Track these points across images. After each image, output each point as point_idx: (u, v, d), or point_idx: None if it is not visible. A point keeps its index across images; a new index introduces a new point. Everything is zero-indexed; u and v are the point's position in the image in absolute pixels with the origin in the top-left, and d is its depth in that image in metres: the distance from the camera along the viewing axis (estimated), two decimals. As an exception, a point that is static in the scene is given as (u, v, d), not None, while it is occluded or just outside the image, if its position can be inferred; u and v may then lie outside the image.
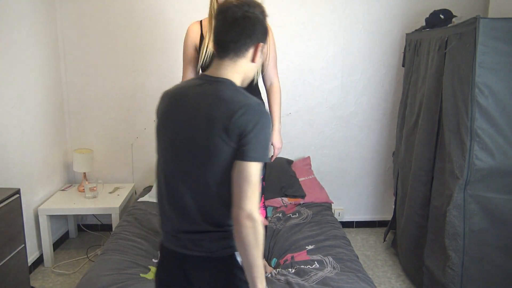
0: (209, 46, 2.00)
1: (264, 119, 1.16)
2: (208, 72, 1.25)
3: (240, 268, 1.21)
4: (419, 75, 2.70)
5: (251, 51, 1.24)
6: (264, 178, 2.24)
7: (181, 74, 2.27)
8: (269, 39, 2.12)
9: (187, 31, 2.09)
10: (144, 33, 3.19)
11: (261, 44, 1.25)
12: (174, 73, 2.22)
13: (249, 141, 1.13)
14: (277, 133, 2.18)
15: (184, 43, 2.11)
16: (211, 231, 1.21)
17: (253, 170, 1.12)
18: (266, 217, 2.31)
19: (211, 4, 2.00)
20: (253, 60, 1.25)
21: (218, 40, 1.22)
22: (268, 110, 2.19)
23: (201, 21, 2.10)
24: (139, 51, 3.22)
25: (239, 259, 1.22)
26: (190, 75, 2.12)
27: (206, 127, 1.16)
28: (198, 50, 2.08)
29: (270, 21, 3.57)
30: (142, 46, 3.21)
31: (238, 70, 1.24)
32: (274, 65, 2.17)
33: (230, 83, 1.22)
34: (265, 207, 2.32)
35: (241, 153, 1.13)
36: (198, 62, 2.08)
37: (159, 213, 1.32)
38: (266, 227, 2.35)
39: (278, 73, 2.24)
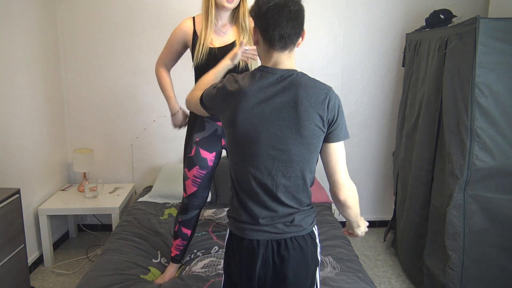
0: (205, 44, 1.96)
1: (340, 101, 1.37)
2: (272, 65, 1.30)
3: (317, 242, 1.41)
4: (419, 75, 2.71)
5: (300, 39, 1.33)
6: None
7: (180, 74, 2.27)
8: None
9: (179, 24, 2.06)
10: (144, 33, 3.19)
11: (304, 30, 1.33)
12: (174, 73, 2.22)
13: (338, 124, 1.33)
14: None
15: (172, 34, 2.07)
16: (300, 211, 1.36)
17: (343, 147, 1.37)
18: None
19: (210, 4, 1.95)
20: (297, 45, 1.34)
21: (277, 34, 1.25)
22: None
23: (193, 18, 2.07)
24: (139, 51, 3.22)
25: (316, 233, 1.42)
26: (168, 63, 2.15)
27: (303, 119, 1.26)
28: (186, 46, 2.08)
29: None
30: (142, 46, 3.21)
31: (294, 58, 1.34)
32: None
33: (302, 73, 1.32)
34: None
35: (334, 136, 1.33)
36: (179, 57, 2.12)
37: (240, 211, 1.35)
38: None
39: None
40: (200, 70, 1.94)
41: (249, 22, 2.01)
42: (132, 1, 3.14)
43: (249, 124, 1.27)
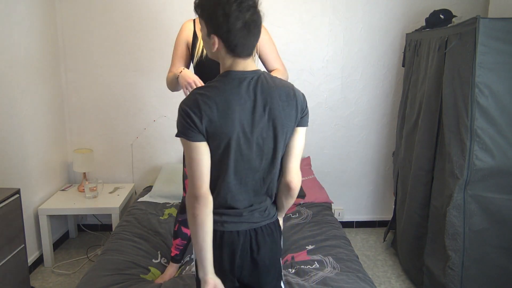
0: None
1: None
2: (240, 68, 1.30)
3: (281, 229, 1.50)
4: (419, 75, 2.70)
5: None
6: None
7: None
8: (263, 35, 2.07)
9: (181, 27, 2.10)
10: (144, 33, 3.19)
11: None
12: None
13: (306, 112, 1.39)
14: None
15: (176, 39, 2.11)
16: (270, 202, 1.43)
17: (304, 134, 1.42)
18: None
19: None
20: None
21: (240, 47, 1.25)
22: None
23: (194, 20, 2.10)
24: (139, 51, 3.22)
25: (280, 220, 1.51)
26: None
27: (281, 117, 1.30)
28: (189, 47, 2.09)
29: (270, 21, 3.56)
30: (142, 46, 3.21)
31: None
32: (275, 56, 2.12)
33: (264, 72, 1.34)
34: None
35: (302, 122, 1.38)
36: (190, 59, 2.10)
37: (225, 206, 1.36)
38: None
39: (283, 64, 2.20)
40: (199, 67, 2.02)
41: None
42: (132, 1, 3.14)
43: (237, 132, 1.27)
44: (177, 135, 1.30)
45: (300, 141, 1.41)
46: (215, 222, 1.33)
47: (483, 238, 2.22)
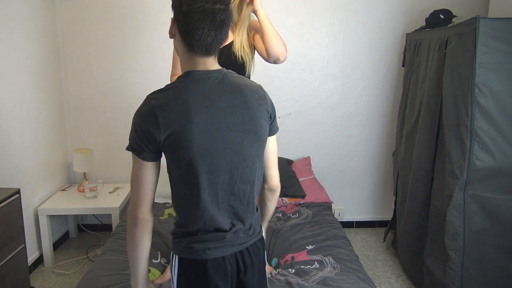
0: None
1: None
2: (202, 68, 1.17)
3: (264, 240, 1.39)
4: (419, 75, 2.70)
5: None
6: None
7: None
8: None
9: None
10: (144, 32, 3.19)
11: (230, 34, 1.29)
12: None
13: (274, 117, 1.30)
14: None
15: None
16: (254, 217, 1.31)
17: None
18: None
19: None
20: None
21: (195, 42, 1.13)
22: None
23: None
24: (139, 51, 3.22)
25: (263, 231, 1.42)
26: (180, 71, 2.10)
27: (257, 117, 1.20)
28: None
29: (270, 21, 3.59)
30: (142, 46, 3.21)
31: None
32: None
33: (229, 71, 1.24)
34: None
35: (272, 129, 1.30)
36: None
37: (205, 229, 1.22)
38: None
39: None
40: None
41: (246, 19, 2.00)
42: (132, 1, 3.14)
43: (205, 138, 1.13)
44: (127, 149, 1.18)
45: (275, 145, 1.34)
46: (195, 251, 1.20)
47: (483, 238, 2.22)
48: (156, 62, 3.22)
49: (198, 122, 1.12)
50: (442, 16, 2.79)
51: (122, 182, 3.42)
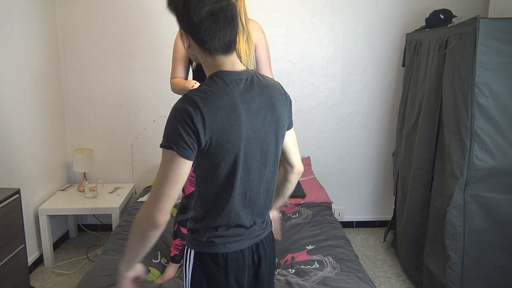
0: None
1: None
2: (229, 67, 1.18)
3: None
4: (419, 75, 2.70)
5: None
6: None
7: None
8: (262, 40, 2.11)
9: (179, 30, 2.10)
10: (144, 33, 3.19)
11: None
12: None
13: (291, 113, 1.34)
14: None
15: (175, 42, 2.10)
16: (270, 210, 1.36)
17: None
18: None
19: None
20: None
21: (217, 44, 1.13)
22: None
23: None
24: (139, 51, 3.22)
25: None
26: (180, 73, 2.10)
27: (281, 118, 1.25)
28: None
29: (270, 21, 3.56)
30: (142, 46, 3.21)
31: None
32: (268, 66, 2.16)
33: (254, 71, 1.26)
34: None
35: (290, 124, 1.34)
36: (189, 62, 2.10)
37: (228, 225, 1.23)
38: None
39: (273, 73, 2.24)
40: (199, 71, 2.02)
41: (247, 22, 2.02)
42: (132, 1, 3.14)
43: (244, 139, 1.16)
44: (163, 145, 1.10)
45: (294, 135, 1.37)
46: (216, 245, 1.22)
47: (483, 238, 2.22)
48: (156, 62, 3.22)
49: (240, 125, 1.14)
50: (442, 16, 2.79)
51: (122, 182, 3.42)
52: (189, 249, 1.27)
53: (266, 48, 2.13)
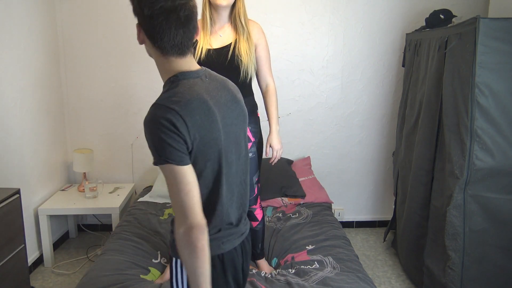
0: (202, 46, 2.01)
1: None
2: (186, 68, 1.16)
3: None
4: (419, 75, 2.71)
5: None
6: (259, 180, 2.25)
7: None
8: (262, 40, 2.12)
9: None
10: (144, 33, 3.19)
11: (198, 27, 1.24)
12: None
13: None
14: (276, 135, 2.17)
15: None
16: (247, 201, 1.36)
17: None
18: (263, 218, 2.31)
19: (204, 5, 2.01)
20: None
21: (166, 43, 1.11)
22: (266, 112, 2.19)
23: None
24: (139, 51, 3.22)
25: None
26: None
27: (242, 109, 1.26)
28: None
29: (270, 21, 3.56)
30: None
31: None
32: (268, 66, 2.17)
33: (207, 69, 1.26)
34: (261, 208, 2.32)
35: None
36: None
37: (221, 224, 1.22)
38: (264, 226, 2.36)
39: (273, 74, 2.24)
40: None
41: (247, 22, 2.03)
42: (132, 1, 3.14)
43: (222, 134, 1.16)
44: (158, 163, 1.06)
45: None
46: (211, 248, 1.14)
47: (483, 238, 2.22)
48: (156, 62, 3.22)
49: (216, 120, 1.13)
50: (442, 16, 2.79)
51: (122, 182, 3.42)
52: (178, 260, 1.19)
53: (266, 48, 2.14)
